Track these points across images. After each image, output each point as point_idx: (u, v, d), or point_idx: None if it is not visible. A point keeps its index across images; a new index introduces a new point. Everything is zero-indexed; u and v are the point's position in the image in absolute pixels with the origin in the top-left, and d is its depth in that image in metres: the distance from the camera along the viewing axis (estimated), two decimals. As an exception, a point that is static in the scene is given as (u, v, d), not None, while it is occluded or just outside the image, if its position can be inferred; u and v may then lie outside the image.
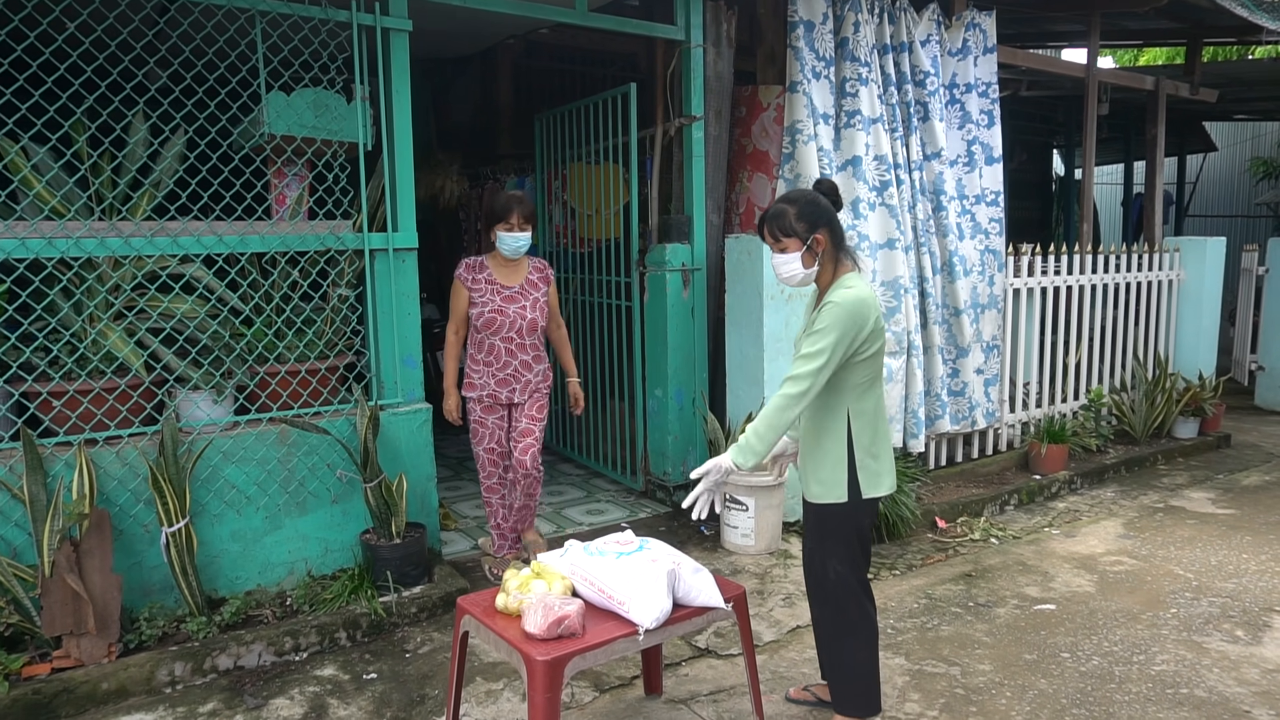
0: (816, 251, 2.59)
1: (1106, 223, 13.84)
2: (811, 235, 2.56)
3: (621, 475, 5.50)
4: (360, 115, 3.75)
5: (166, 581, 3.39)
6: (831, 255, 2.63)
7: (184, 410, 3.53)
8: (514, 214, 3.70)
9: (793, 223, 2.57)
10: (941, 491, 5.24)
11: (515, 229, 3.72)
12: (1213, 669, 3.31)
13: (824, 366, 2.48)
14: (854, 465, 2.62)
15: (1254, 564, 4.36)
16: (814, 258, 2.59)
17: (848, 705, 2.75)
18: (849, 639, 2.71)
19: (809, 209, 2.58)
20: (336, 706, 3.03)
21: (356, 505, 3.83)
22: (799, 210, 2.57)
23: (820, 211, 2.59)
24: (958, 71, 5.44)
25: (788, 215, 2.57)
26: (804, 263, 2.59)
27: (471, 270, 3.83)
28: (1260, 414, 7.88)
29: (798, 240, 2.57)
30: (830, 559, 2.68)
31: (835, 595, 2.70)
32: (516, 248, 3.76)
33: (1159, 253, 6.86)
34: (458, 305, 3.85)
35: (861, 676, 2.72)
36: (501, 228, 3.72)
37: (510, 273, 3.87)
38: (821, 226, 2.58)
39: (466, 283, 3.81)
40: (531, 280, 3.90)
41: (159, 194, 3.51)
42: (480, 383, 3.90)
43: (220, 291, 3.59)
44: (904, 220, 5.09)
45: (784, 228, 2.58)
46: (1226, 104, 9.32)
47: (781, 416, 2.49)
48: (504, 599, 2.51)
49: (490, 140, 7.15)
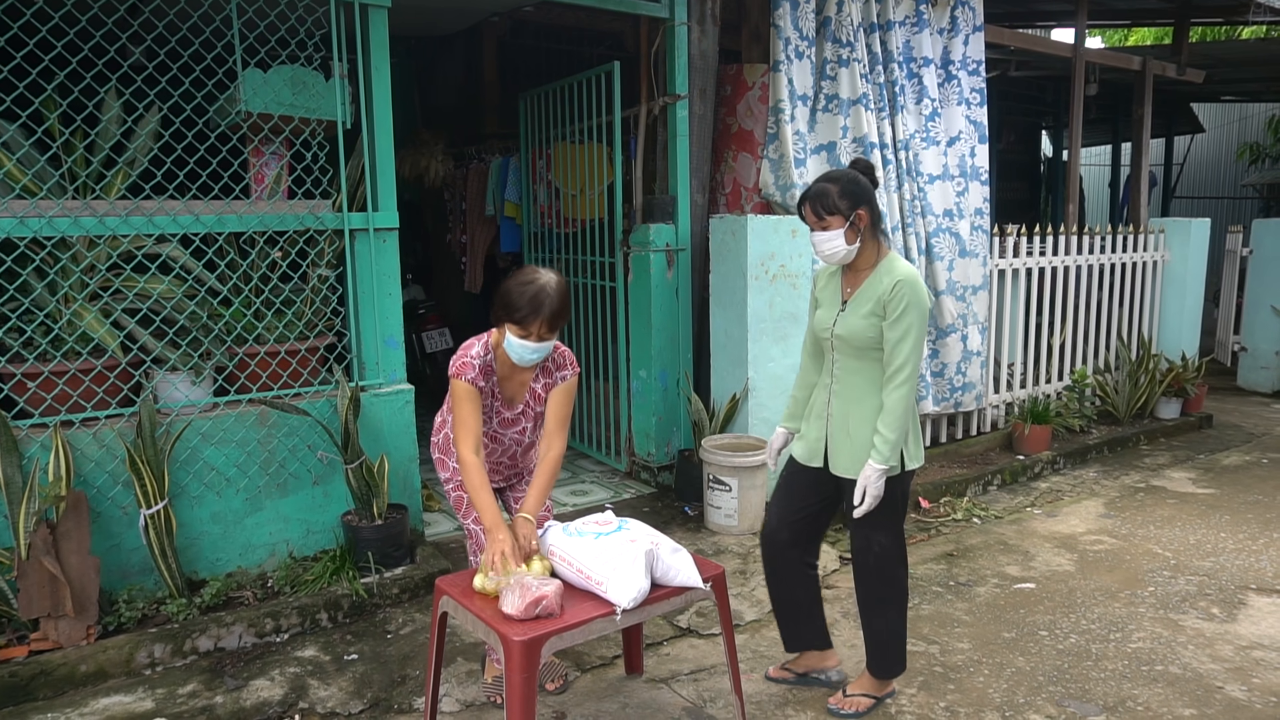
0: (859, 228, 2.64)
1: (1094, 204, 13.86)
2: (854, 212, 2.62)
3: (606, 456, 5.50)
4: (339, 93, 3.70)
5: (146, 563, 3.38)
6: (872, 233, 2.68)
7: (162, 391, 3.51)
8: (536, 323, 2.56)
9: (836, 200, 2.61)
10: (925, 472, 5.26)
11: (533, 338, 2.59)
12: (1188, 646, 3.34)
13: (918, 348, 2.62)
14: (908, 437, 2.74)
15: (1231, 543, 4.40)
16: (856, 234, 2.64)
17: (886, 668, 2.88)
18: (892, 607, 2.83)
19: (851, 186, 2.63)
20: (317, 687, 3.04)
21: (338, 486, 3.81)
22: (841, 188, 2.62)
23: (862, 189, 2.64)
24: (948, 49, 5.41)
25: (830, 193, 2.62)
26: (847, 239, 2.64)
27: (484, 376, 2.72)
28: (1242, 394, 7.94)
29: (841, 217, 2.62)
30: (876, 532, 2.76)
31: (881, 566, 2.80)
32: (528, 360, 2.67)
33: (1144, 234, 6.87)
34: (470, 417, 2.66)
35: (899, 638, 2.86)
36: (516, 331, 2.59)
37: (516, 384, 2.83)
38: (863, 204, 2.63)
39: (480, 389, 2.71)
40: (536, 393, 2.85)
41: (133, 172, 3.46)
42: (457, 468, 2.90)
43: (198, 272, 3.55)
44: (890, 201, 5.07)
45: (827, 205, 2.62)
46: (1214, 85, 9.32)
47: (907, 409, 2.63)
48: (481, 580, 2.51)
49: (475, 119, 7.08)
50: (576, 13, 6.04)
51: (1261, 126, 12.09)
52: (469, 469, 2.63)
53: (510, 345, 2.63)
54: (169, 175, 3.46)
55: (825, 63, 4.92)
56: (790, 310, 4.58)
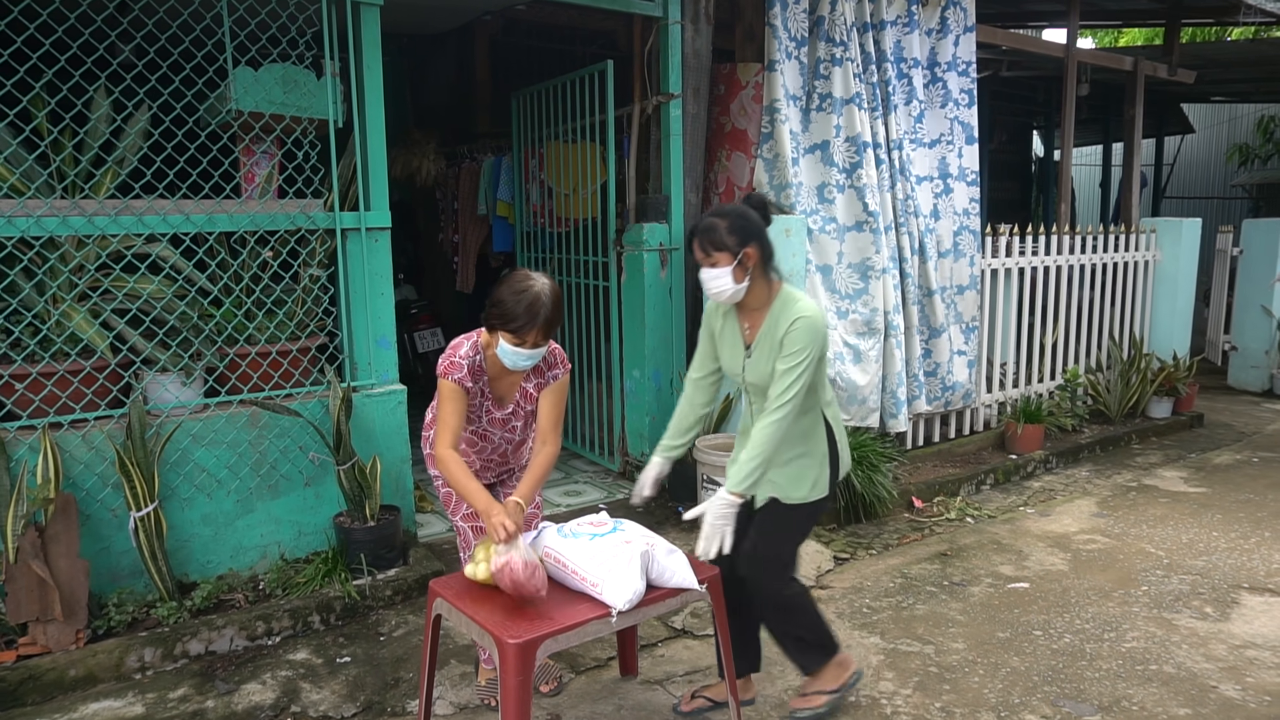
0: (747, 266, 2.55)
1: (1085, 204, 13.91)
2: (742, 250, 2.53)
3: (599, 456, 5.48)
4: (330, 91, 3.68)
5: (136, 566, 3.35)
6: (762, 271, 2.59)
7: (152, 392, 3.47)
8: (532, 332, 2.56)
9: (724, 236, 2.52)
10: (919, 471, 5.27)
11: (528, 345, 2.59)
12: (1182, 645, 3.35)
13: (805, 386, 2.53)
14: (835, 459, 2.70)
15: (1224, 542, 4.41)
16: (744, 273, 2.56)
17: (812, 661, 2.83)
18: (797, 614, 2.77)
19: (740, 222, 2.54)
20: (309, 690, 3.01)
21: (330, 488, 3.78)
22: (730, 224, 2.53)
23: (751, 226, 2.55)
24: (937, 49, 5.41)
25: (718, 229, 2.53)
26: (734, 277, 2.55)
27: (474, 376, 2.71)
28: (1232, 393, 7.97)
29: (729, 254, 2.52)
30: (790, 543, 2.75)
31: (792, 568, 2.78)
32: (522, 366, 2.67)
33: (1135, 234, 6.89)
34: (453, 416, 2.66)
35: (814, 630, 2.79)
36: (511, 339, 2.58)
37: (507, 384, 2.82)
38: (752, 241, 2.53)
39: (468, 389, 2.70)
40: (528, 392, 2.83)
41: (123, 171, 3.43)
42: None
43: (188, 271, 3.52)
44: (883, 201, 5.07)
45: (715, 242, 2.53)
46: (1204, 85, 9.35)
47: (774, 446, 2.53)
48: (473, 568, 2.51)
49: (467, 118, 7.06)
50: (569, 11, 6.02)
51: (1251, 127, 12.14)
52: (448, 463, 2.62)
53: (504, 352, 2.61)
54: (159, 174, 3.43)
55: (819, 62, 4.92)
56: (784, 310, 4.56)
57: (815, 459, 2.68)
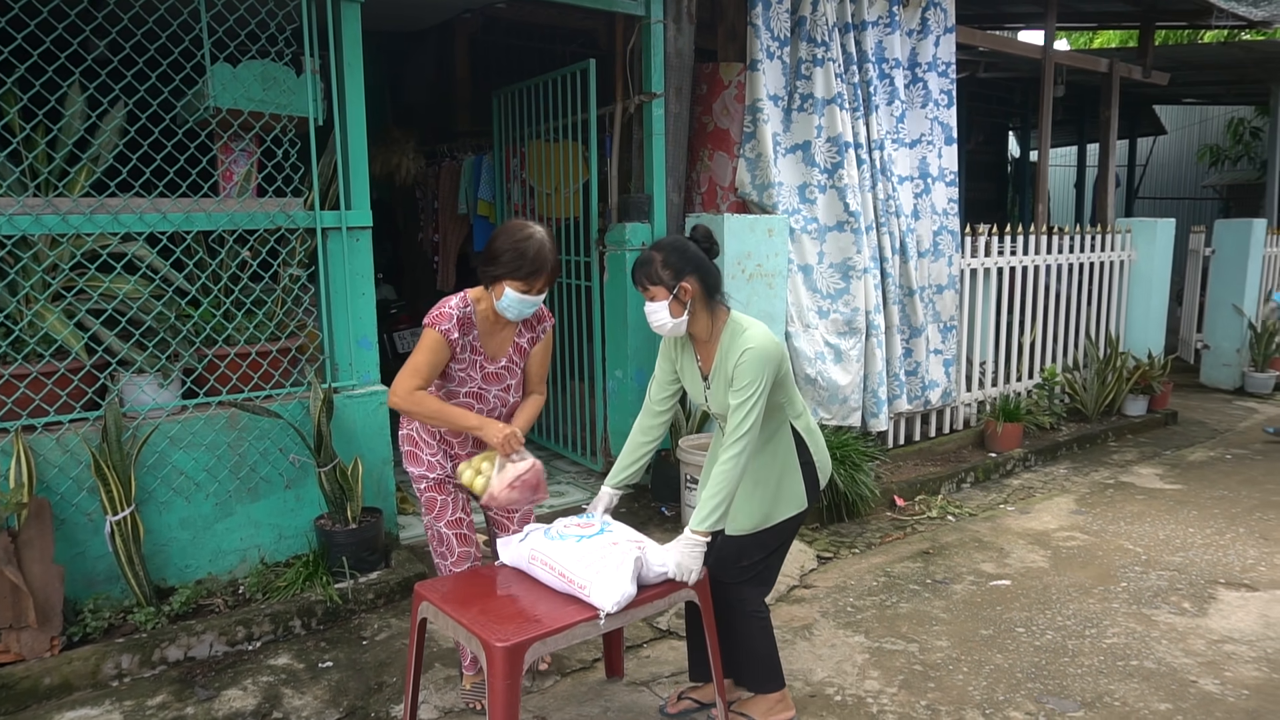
0: (684, 300, 2.50)
1: (1060, 204, 14.07)
2: (678, 284, 2.48)
3: (582, 456, 5.46)
4: (310, 89, 3.63)
5: (112, 571, 3.29)
6: (704, 303, 2.54)
7: (128, 394, 3.41)
8: (541, 279, 2.61)
9: (658, 270, 2.48)
10: (900, 470, 5.29)
11: (534, 293, 2.63)
12: (1161, 641, 3.39)
13: (760, 415, 2.46)
14: (812, 469, 2.67)
15: (1200, 538, 4.47)
16: (682, 307, 2.51)
17: (761, 681, 2.80)
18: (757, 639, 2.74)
19: (674, 257, 2.49)
20: (291, 696, 2.97)
21: (310, 490, 3.74)
22: (664, 258, 2.48)
23: (687, 259, 2.49)
24: (917, 50, 5.45)
25: (654, 263, 2.48)
26: (672, 312, 2.50)
27: (462, 329, 2.68)
28: (1205, 391, 8.09)
29: (664, 289, 2.48)
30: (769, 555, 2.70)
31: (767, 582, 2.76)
32: (525, 314, 2.70)
33: (1111, 234, 6.97)
34: (425, 366, 2.62)
35: (770, 655, 2.77)
36: (517, 286, 2.59)
37: (499, 340, 2.80)
38: (688, 274, 2.48)
39: (452, 341, 2.66)
40: (520, 347, 2.84)
41: (98, 169, 3.36)
42: (431, 460, 2.82)
43: (165, 271, 3.45)
44: (864, 201, 5.09)
45: (650, 275, 2.49)
46: (1176, 87, 9.48)
47: (736, 481, 2.48)
48: (471, 476, 2.66)
49: (447, 117, 7.00)
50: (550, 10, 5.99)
51: (1221, 129, 12.34)
52: (421, 399, 2.59)
53: (509, 301, 2.61)
54: (135, 172, 3.36)
55: (800, 62, 4.93)
56: (767, 310, 4.57)
57: (788, 476, 2.63)
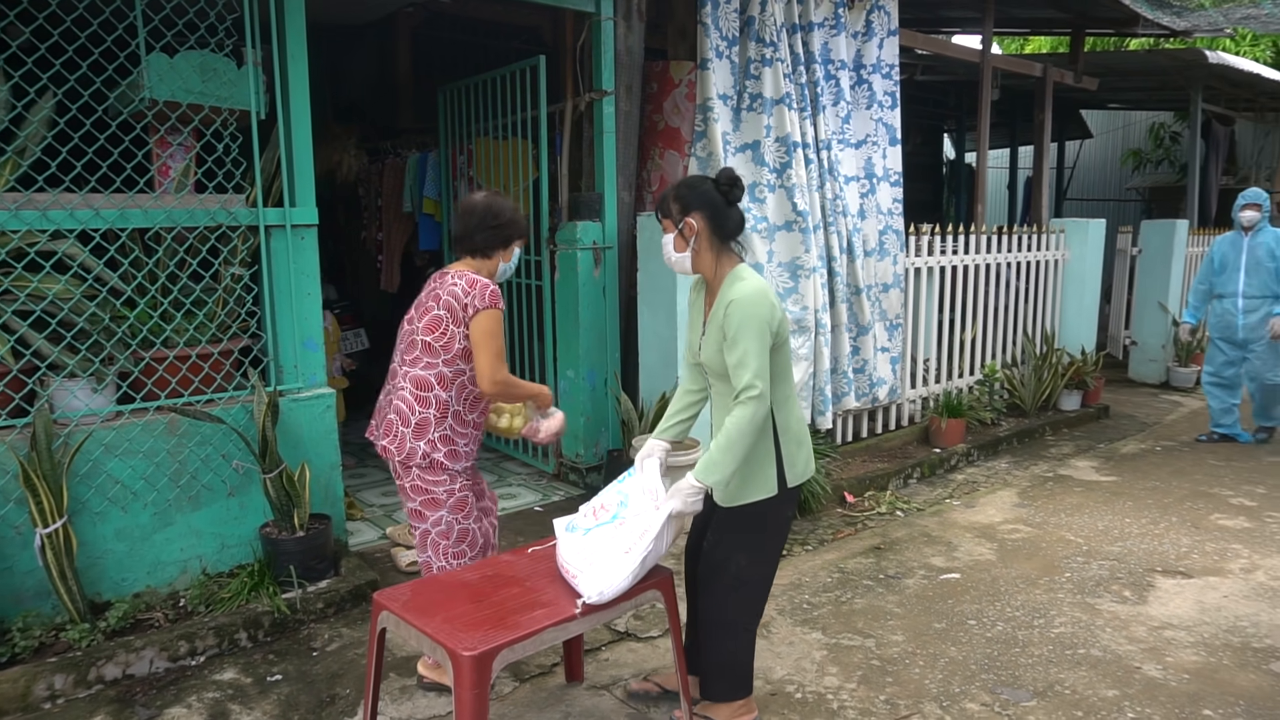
0: (687, 237, 2.50)
1: (993, 205, 14.45)
2: (684, 219, 2.49)
3: (533, 458, 5.40)
4: (252, 81, 3.51)
5: (42, 587, 3.12)
6: (710, 243, 2.52)
7: (59, 400, 3.24)
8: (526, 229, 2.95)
9: (670, 203, 2.53)
10: (849, 466, 5.36)
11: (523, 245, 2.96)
12: (1105, 629, 3.49)
13: (761, 367, 2.39)
14: (781, 456, 2.56)
15: (1136, 528, 4.62)
16: (685, 243, 2.51)
17: (723, 690, 2.71)
18: (741, 633, 2.66)
19: (685, 191, 2.51)
20: (239, 712, 2.86)
21: (255, 497, 3.61)
22: (676, 192, 2.52)
23: (697, 196, 2.49)
24: (863, 52, 5.52)
25: (669, 196, 2.54)
26: (675, 246, 2.53)
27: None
28: (1134, 386, 8.40)
29: (670, 222, 2.53)
30: (738, 551, 2.60)
31: (736, 587, 2.63)
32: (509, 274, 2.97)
33: (1046, 234, 7.18)
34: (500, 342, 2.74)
35: (746, 664, 2.70)
36: (522, 243, 2.90)
37: None
38: (695, 210, 2.48)
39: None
40: None
41: (24, 163, 3.19)
42: (467, 451, 2.88)
43: (98, 270, 3.29)
44: (812, 200, 5.14)
45: (663, 208, 2.55)
46: (1103, 93, 9.82)
47: (738, 442, 2.39)
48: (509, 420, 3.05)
49: (390, 113, 6.86)
50: (495, 5, 5.91)
51: (1143, 133, 12.83)
52: (516, 381, 2.80)
53: (515, 259, 2.89)
54: (65, 166, 3.19)
55: (749, 62, 4.95)
56: (719, 309, 4.57)
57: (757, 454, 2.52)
